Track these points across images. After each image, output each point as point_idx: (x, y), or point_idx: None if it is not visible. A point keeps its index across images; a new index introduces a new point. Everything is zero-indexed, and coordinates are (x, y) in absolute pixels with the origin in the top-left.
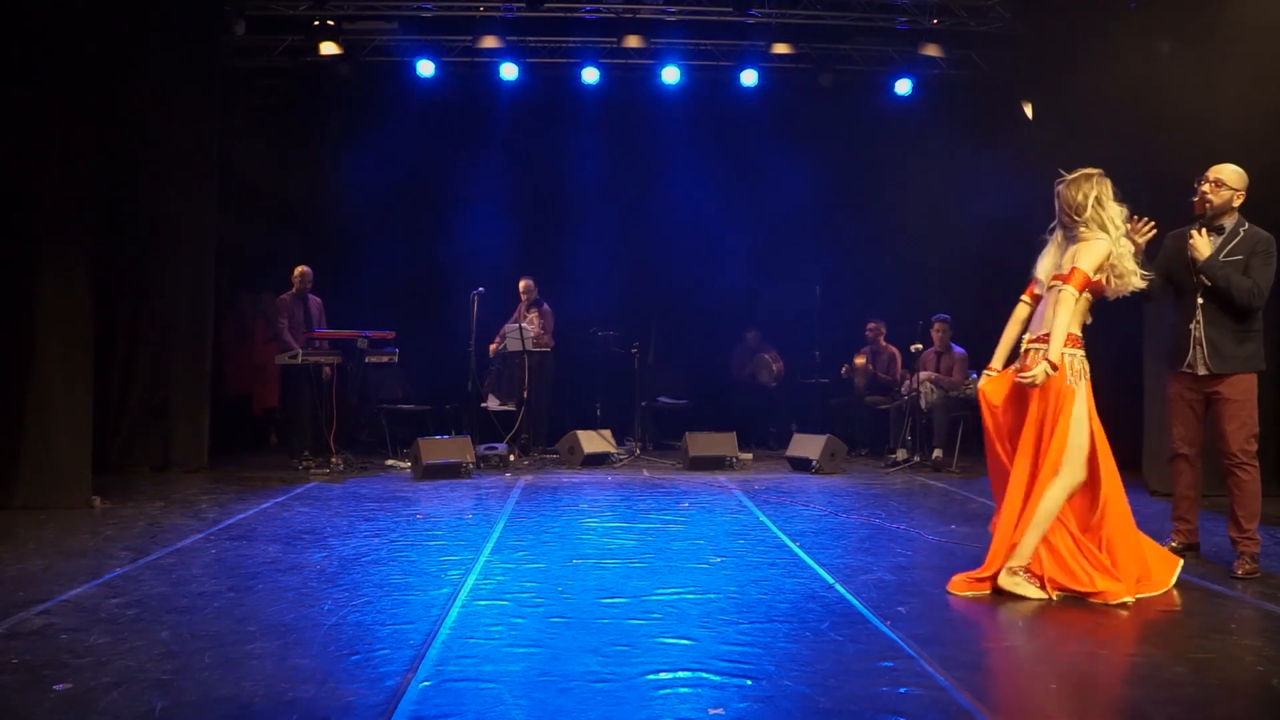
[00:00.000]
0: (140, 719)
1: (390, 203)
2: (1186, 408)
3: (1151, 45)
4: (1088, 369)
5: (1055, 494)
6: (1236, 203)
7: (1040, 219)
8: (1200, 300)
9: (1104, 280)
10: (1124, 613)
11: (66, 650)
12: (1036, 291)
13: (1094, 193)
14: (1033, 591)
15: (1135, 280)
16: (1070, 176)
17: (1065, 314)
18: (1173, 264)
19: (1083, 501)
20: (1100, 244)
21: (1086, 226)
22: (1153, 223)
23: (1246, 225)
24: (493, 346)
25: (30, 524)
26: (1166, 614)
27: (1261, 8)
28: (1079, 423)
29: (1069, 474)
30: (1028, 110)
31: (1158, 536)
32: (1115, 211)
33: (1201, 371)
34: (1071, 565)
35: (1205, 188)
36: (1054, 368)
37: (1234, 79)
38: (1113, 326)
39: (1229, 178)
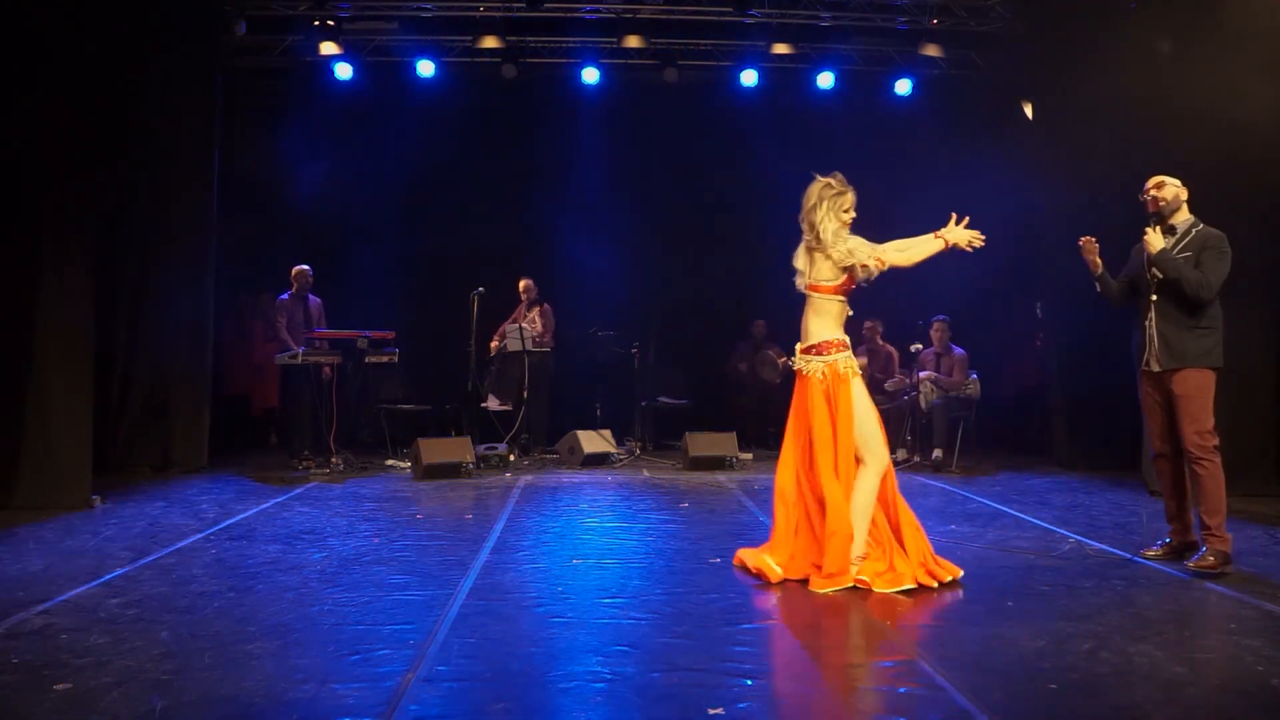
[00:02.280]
0: (140, 719)
1: (390, 203)
2: (1155, 407)
3: (1152, 45)
4: (855, 366)
5: (869, 485)
6: (1183, 196)
7: (1040, 219)
8: (1154, 297)
9: (850, 279)
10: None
11: (66, 650)
12: (799, 285)
13: (821, 201)
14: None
15: (869, 263)
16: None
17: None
18: (1133, 267)
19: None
20: (826, 257)
21: (809, 229)
22: (1095, 240)
23: (1200, 226)
24: (493, 344)
25: (30, 524)
26: (1167, 614)
27: (1261, 7)
28: (866, 414)
29: (874, 462)
30: (1028, 110)
31: (1158, 536)
32: (835, 216)
33: (1155, 368)
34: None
35: (1151, 193)
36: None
37: (1234, 78)
38: (1112, 328)
39: (1166, 178)
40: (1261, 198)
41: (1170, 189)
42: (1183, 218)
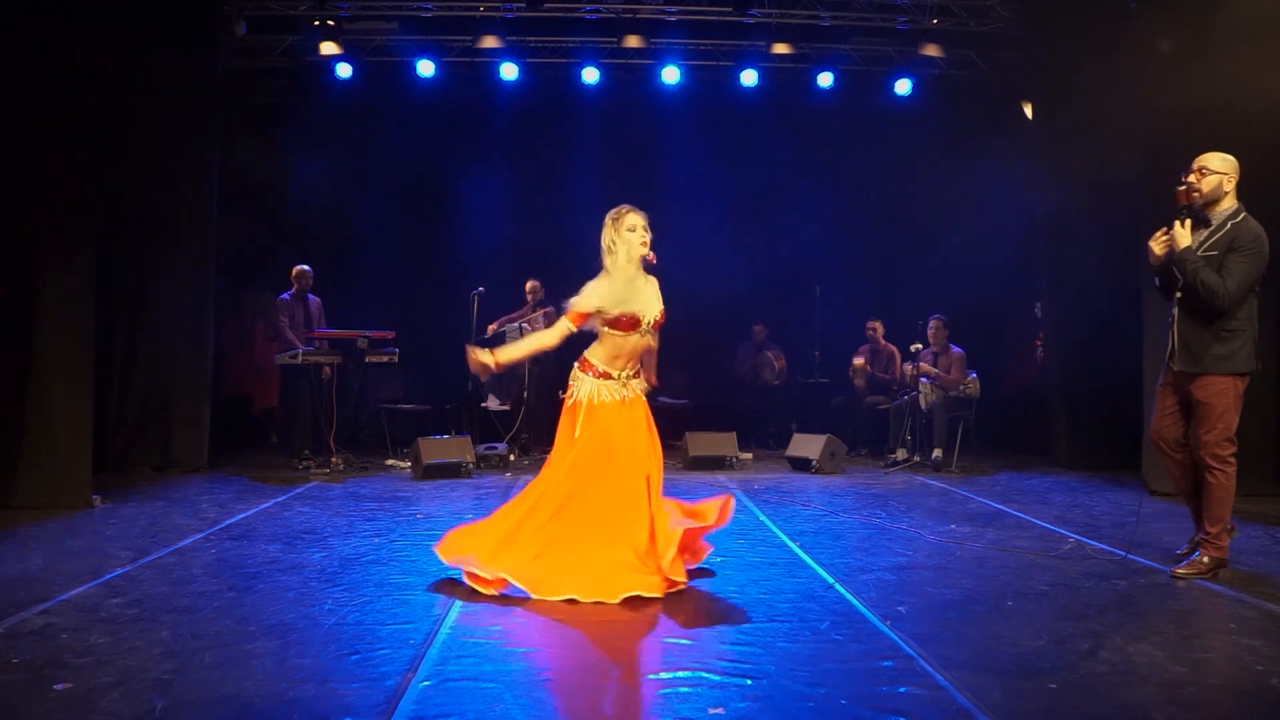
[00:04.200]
0: (140, 719)
1: (390, 203)
2: (1166, 400)
3: (1151, 45)
4: (596, 398)
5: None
6: (1228, 186)
7: (1040, 219)
8: (1179, 294)
9: (610, 313)
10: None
11: (66, 650)
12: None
13: (608, 232)
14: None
15: (624, 310)
16: None
17: (541, 338)
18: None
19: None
20: (596, 283)
21: (604, 260)
22: (1168, 230)
23: (1241, 218)
24: (491, 327)
25: (30, 524)
26: (1167, 614)
27: (1260, 5)
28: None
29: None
30: (1028, 110)
31: (1157, 535)
32: (622, 247)
33: (1177, 367)
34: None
35: (1191, 177)
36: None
37: (1233, 77)
38: (1112, 328)
39: (1214, 162)
40: (1263, 195)
41: (1212, 180)
42: (1223, 207)
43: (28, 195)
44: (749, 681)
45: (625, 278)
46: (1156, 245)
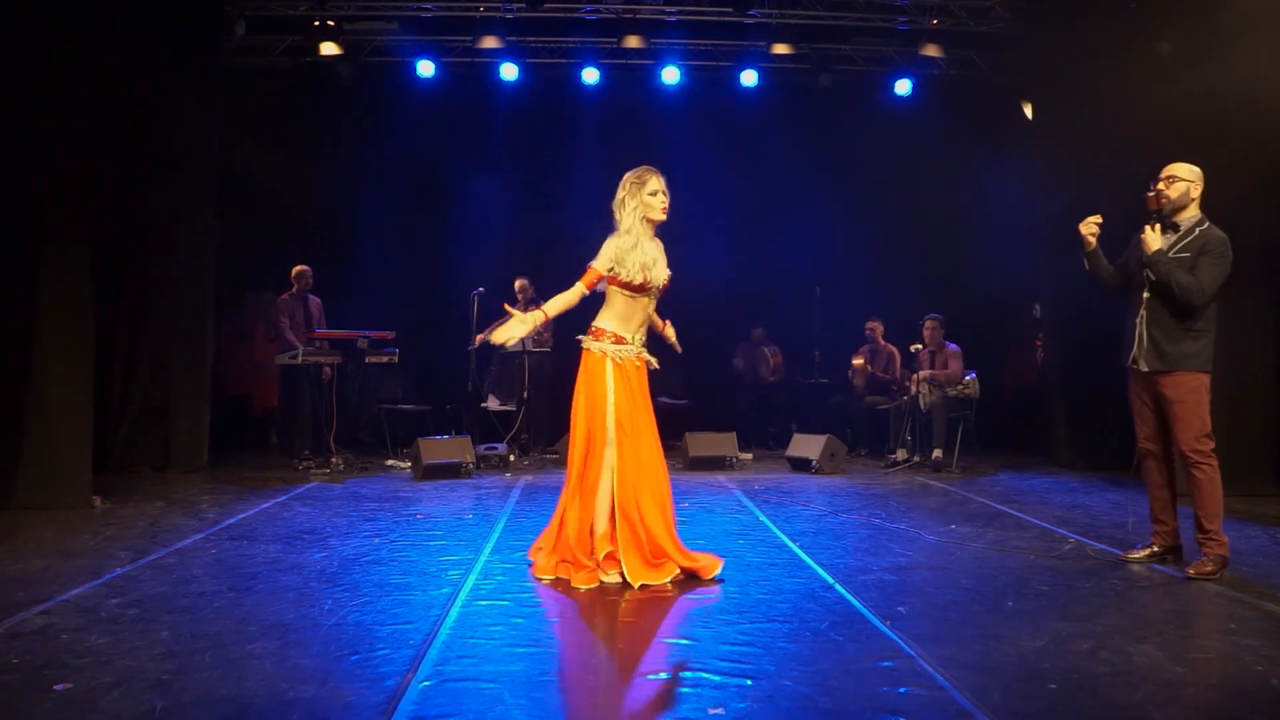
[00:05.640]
0: (140, 719)
1: (390, 202)
2: (1142, 406)
3: (1151, 45)
4: (618, 359)
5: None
6: (1194, 194)
7: (1040, 218)
8: (1146, 295)
9: (622, 275)
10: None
11: (66, 650)
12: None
13: (623, 192)
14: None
15: (635, 275)
16: None
17: (561, 299)
18: (1131, 259)
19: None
20: (609, 242)
21: (615, 217)
22: (1099, 217)
23: (1206, 225)
24: (479, 337)
25: (30, 524)
26: (1166, 614)
27: (1260, 6)
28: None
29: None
30: (1028, 110)
31: (1143, 538)
32: (633, 208)
33: (1144, 368)
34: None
35: (1160, 185)
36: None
37: (1234, 77)
38: (1111, 328)
39: (1182, 171)
40: (1261, 192)
41: (1180, 186)
42: (1189, 214)
43: (29, 194)
44: (749, 681)
45: (643, 239)
46: (1085, 228)
